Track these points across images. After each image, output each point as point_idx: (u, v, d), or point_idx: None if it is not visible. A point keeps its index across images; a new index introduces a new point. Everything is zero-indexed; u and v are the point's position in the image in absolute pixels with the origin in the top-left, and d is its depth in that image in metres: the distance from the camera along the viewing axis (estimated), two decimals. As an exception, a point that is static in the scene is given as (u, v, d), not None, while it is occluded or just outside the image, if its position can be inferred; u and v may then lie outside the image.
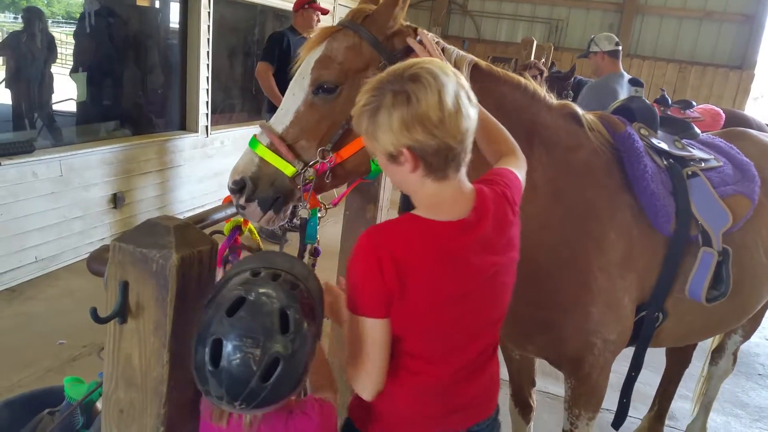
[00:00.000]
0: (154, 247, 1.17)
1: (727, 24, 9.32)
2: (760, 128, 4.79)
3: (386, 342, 1.27)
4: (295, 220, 1.69)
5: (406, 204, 4.63)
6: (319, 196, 1.72)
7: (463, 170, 1.29)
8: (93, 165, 4.63)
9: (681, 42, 9.55)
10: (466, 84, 1.27)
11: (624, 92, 4.48)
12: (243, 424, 1.26)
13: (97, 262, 1.30)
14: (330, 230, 2.53)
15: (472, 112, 1.25)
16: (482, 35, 10.43)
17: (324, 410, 1.36)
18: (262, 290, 1.18)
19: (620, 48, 4.92)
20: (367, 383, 1.29)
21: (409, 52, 1.63)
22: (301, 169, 1.58)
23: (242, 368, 1.12)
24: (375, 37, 1.61)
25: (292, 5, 5.31)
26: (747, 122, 5.15)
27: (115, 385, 1.28)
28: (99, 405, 1.56)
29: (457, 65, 1.65)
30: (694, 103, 6.08)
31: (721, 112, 5.67)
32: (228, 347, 1.12)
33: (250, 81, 6.18)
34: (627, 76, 4.74)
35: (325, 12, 5.32)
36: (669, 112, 5.28)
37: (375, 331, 1.25)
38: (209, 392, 1.16)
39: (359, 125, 1.26)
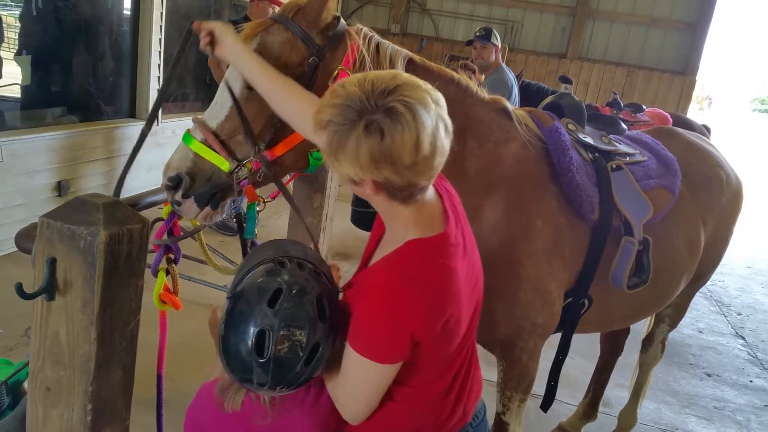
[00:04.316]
0: (82, 224, 1.18)
1: (672, 31, 9.73)
2: (701, 132, 5.04)
3: (390, 382, 1.25)
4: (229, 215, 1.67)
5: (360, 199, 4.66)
6: (257, 190, 1.71)
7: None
8: (37, 151, 4.49)
9: (629, 47, 9.89)
10: (445, 112, 1.15)
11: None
12: (262, 402, 1.32)
13: (25, 239, 1.30)
14: (282, 222, 2.52)
15: (447, 144, 1.14)
16: (440, 34, 10.53)
17: None
18: (297, 280, 1.24)
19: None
20: (359, 416, 1.29)
21: (337, 46, 1.62)
22: (235, 168, 1.54)
23: (290, 355, 1.18)
24: (304, 31, 1.56)
25: (247, -5, 5.27)
26: (690, 125, 5.41)
27: (42, 362, 1.28)
28: (26, 385, 1.55)
29: (392, 60, 1.67)
30: (644, 107, 6.34)
31: (669, 116, 5.95)
32: (275, 337, 1.17)
33: (204, 70, 6.09)
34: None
35: (280, 5, 5.29)
36: (621, 115, 5.51)
37: (386, 375, 1.23)
38: (250, 380, 1.21)
39: (320, 136, 1.14)
